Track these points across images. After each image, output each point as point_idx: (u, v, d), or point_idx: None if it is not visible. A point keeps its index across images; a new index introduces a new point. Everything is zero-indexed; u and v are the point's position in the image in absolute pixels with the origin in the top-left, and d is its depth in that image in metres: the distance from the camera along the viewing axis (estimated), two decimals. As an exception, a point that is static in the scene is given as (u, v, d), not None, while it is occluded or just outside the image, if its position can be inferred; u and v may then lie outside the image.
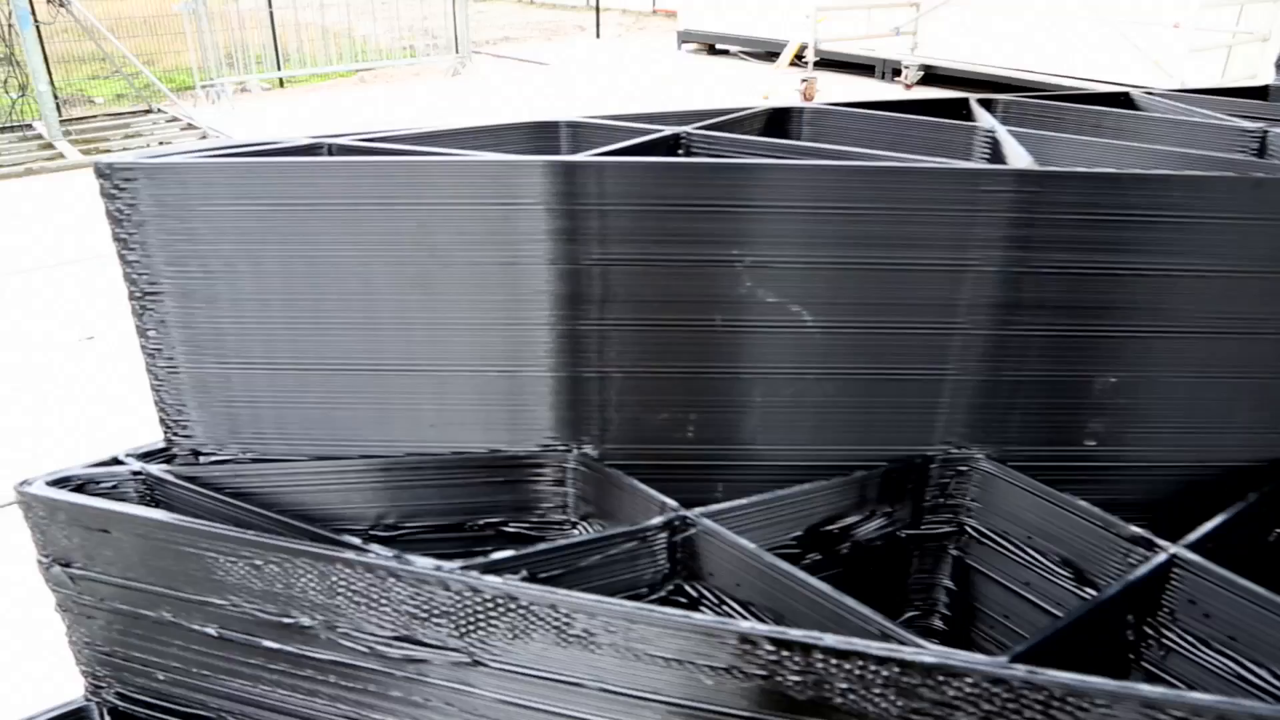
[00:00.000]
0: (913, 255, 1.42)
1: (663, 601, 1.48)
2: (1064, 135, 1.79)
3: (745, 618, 1.40)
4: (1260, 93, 2.47)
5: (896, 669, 1.15)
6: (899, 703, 1.17)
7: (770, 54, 14.80)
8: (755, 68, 14.79)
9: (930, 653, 1.15)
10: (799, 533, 1.55)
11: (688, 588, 1.47)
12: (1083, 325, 1.48)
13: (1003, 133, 1.65)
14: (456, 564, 1.31)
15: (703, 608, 1.46)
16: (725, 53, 16.18)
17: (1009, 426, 1.56)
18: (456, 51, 14.58)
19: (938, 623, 1.75)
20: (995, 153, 1.70)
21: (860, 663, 1.16)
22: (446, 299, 1.48)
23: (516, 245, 1.44)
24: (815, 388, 1.51)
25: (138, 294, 1.55)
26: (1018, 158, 1.50)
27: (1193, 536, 1.40)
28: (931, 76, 13.21)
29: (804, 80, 12.40)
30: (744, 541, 1.36)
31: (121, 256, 1.53)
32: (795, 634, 1.16)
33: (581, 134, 1.77)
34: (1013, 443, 1.57)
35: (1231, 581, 1.33)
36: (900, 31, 13.51)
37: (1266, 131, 1.82)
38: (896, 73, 13.48)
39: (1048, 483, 1.56)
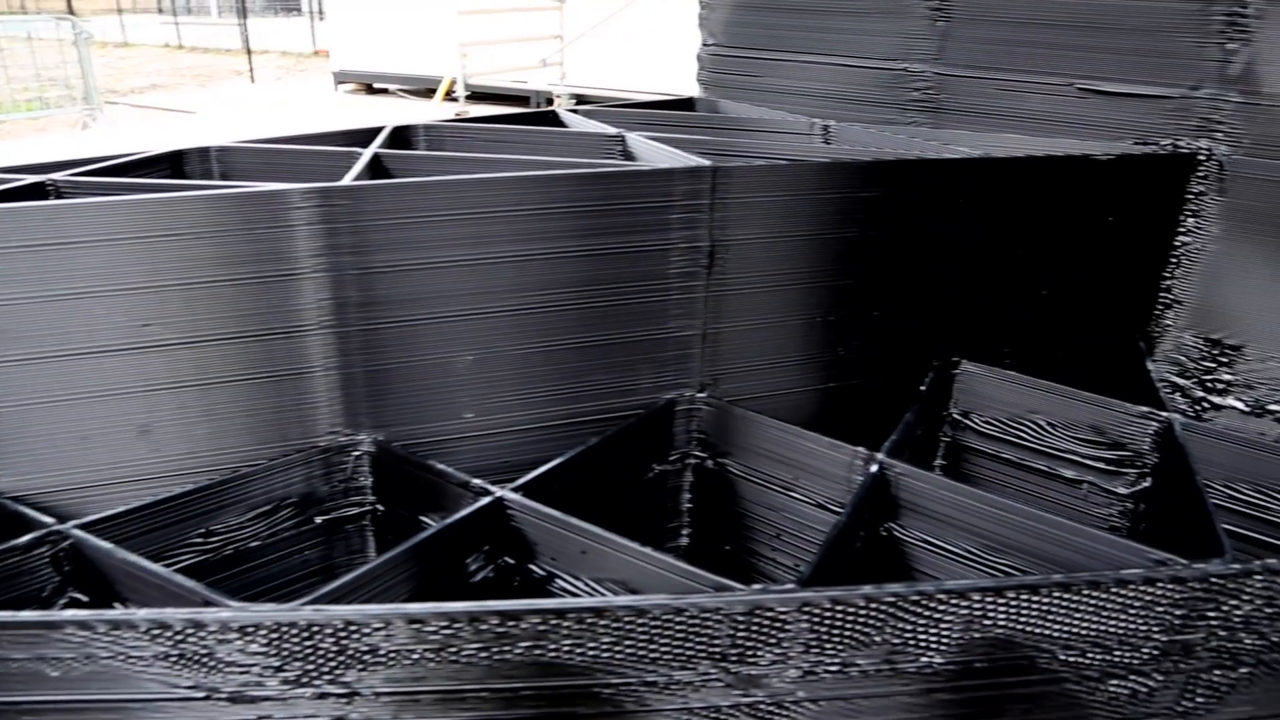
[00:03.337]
0: (243, 271, 1.60)
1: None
2: (447, 154, 2.05)
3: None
4: (688, 104, 2.88)
5: (211, 629, 1.31)
6: (243, 653, 1.32)
7: (429, 90, 14.95)
8: (413, 105, 14.89)
9: (231, 608, 1.31)
10: (201, 530, 1.68)
11: (82, 595, 1.56)
12: (423, 314, 1.71)
13: (366, 156, 1.87)
14: None
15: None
16: (385, 91, 16.17)
17: (388, 410, 1.77)
18: (87, 102, 13.64)
19: (380, 596, 1.93)
20: (376, 173, 1.92)
21: (172, 630, 1.30)
22: None
23: None
24: (196, 399, 1.65)
25: None
26: (349, 178, 1.72)
27: (520, 481, 1.66)
28: (584, 103, 13.86)
29: (456, 115, 12.66)
30: (103, 544, 1.47)
31: None
32: (111, 614, 1.29)
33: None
34: (396, 424, 1.79)
35: (539, 511, 1.59)
36: (547, 62, 14.08)
37: (624, 136, 2.17)
38: (550, 102, 14.03)
39: (435, 457, 1.79)
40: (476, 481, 1.65)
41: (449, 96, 14.02)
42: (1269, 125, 2.19)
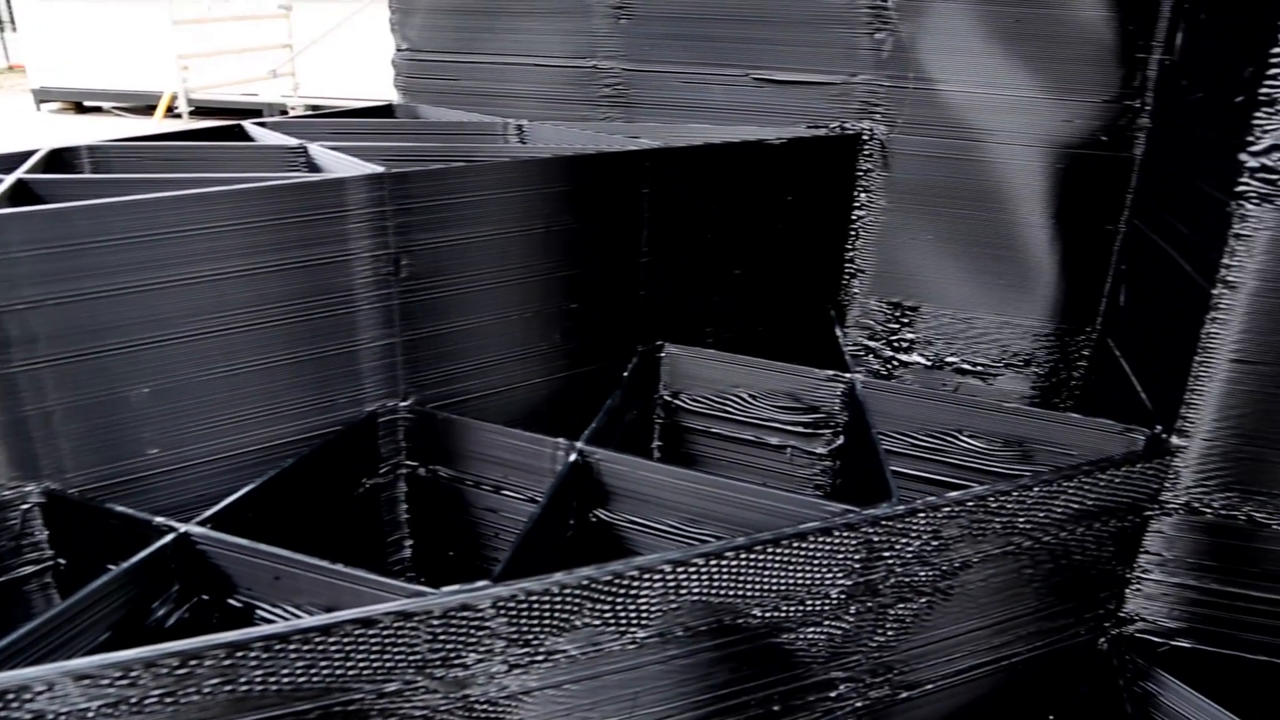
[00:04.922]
0: None
1: None
2: (111, 176, 1.92)
3: None
4: (388, 110, 2.85)
5: None
6: None
7: (150, 107, 13.95)
8: (131, 124, 13.86)
9: None
10: None
11: None
12: (88, 348, 1.61)
13: (8, 182, 1.73)
14: None
15: None
16: (98, 110, 14.95)
17: (62, 455, 1.65)
18: None
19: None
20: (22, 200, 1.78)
21: None
22: None
23: None
24: None
25: None
26: (-11, 206, 1.58)
27: (207, 514, 1.59)
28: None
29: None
30: None
31: None
32: None
33: None
34: (72, 470, 1.67)
35: (226, 541, 1.53)
36: (278, 73, 13.46)
37: (306, 147, 2.11)
38: (284, 114, 13.42)
39: (122, 499, 1.68)
40: (158, 520, 1.56)
41: (171, 113, 13.15)
42: (916, 106, 2.41)
